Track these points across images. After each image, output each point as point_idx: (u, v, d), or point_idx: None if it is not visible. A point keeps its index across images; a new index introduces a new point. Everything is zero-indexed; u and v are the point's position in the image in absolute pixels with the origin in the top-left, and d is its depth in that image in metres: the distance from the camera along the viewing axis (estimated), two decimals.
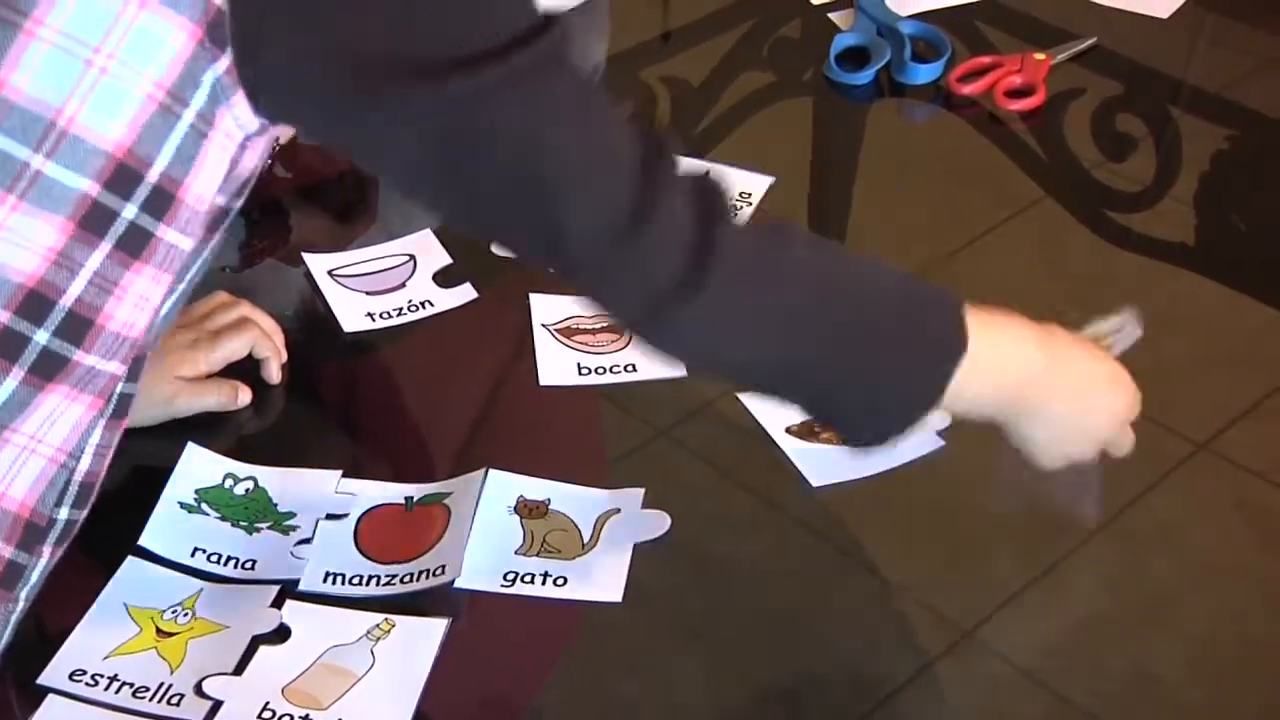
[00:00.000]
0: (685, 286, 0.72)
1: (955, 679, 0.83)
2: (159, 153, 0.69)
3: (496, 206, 0.73)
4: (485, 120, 0.69)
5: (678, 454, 0.97)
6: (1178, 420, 0.99)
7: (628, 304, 0.75)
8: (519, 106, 0.69)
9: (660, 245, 0.72)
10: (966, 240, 1.16)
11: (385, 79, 0.68)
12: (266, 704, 0.79)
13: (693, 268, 0.72)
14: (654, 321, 0.74)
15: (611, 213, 0.71)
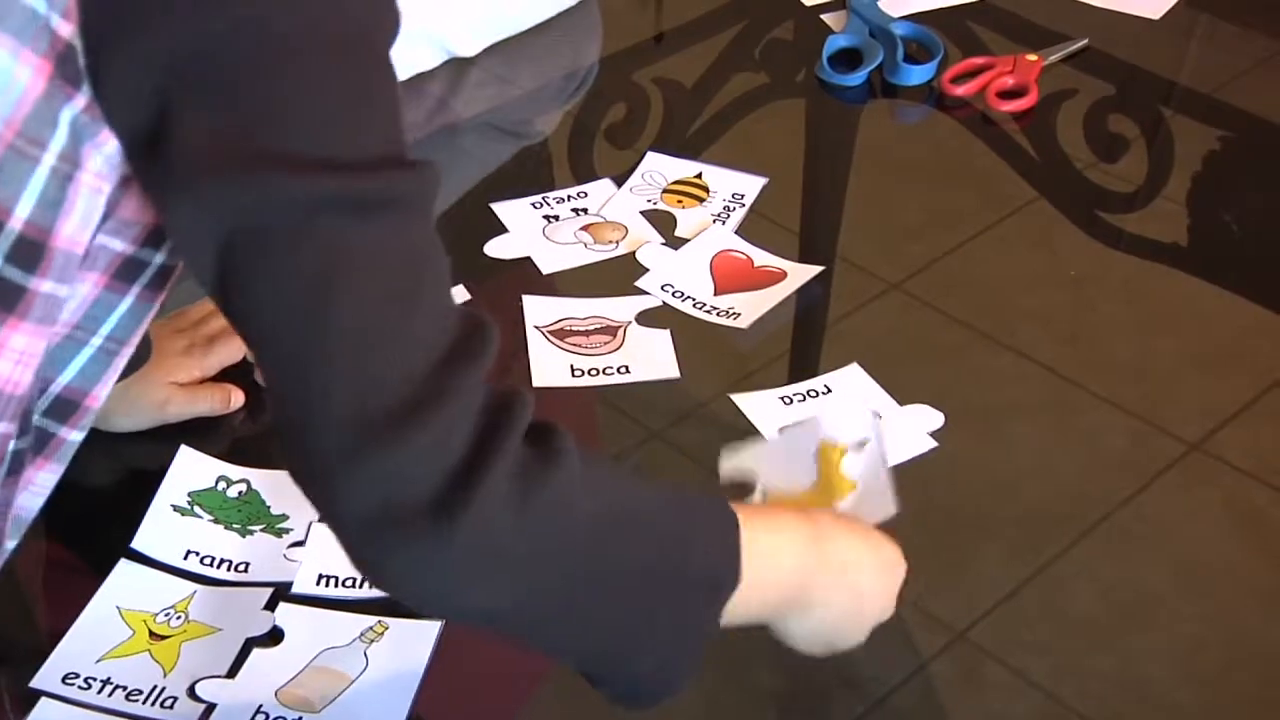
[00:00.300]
0: (433, 515, 0.60)
1: (948, 680, 0.83)
2: (19, 199, 0.64)
3: (269, 322, 0.63)
4: (309, 229, 0.61)
5: (671, 455, 0.97)
6: (1169, 420, 0.99)
7: (356, 512, 0.61)
8: (353, 228, 0.61)
9: (421, 456, 0.60)
10: (959, 241, 1.16)
11: (243, 156, 0.61)
12: (260, 707, 0.79)
13: (448, 497, 0.60)
14: (381, 544, 0.61)
15: (381, 396, 0.60)
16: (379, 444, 0.60)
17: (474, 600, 0.64)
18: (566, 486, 0.64)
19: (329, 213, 0.61)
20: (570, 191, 1.19)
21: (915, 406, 0.98)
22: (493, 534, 0.62)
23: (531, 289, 1.08)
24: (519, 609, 0.66)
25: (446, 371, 0.62)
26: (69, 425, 0.74)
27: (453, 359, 0.62)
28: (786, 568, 0.74)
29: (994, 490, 0.95)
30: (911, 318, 1.09)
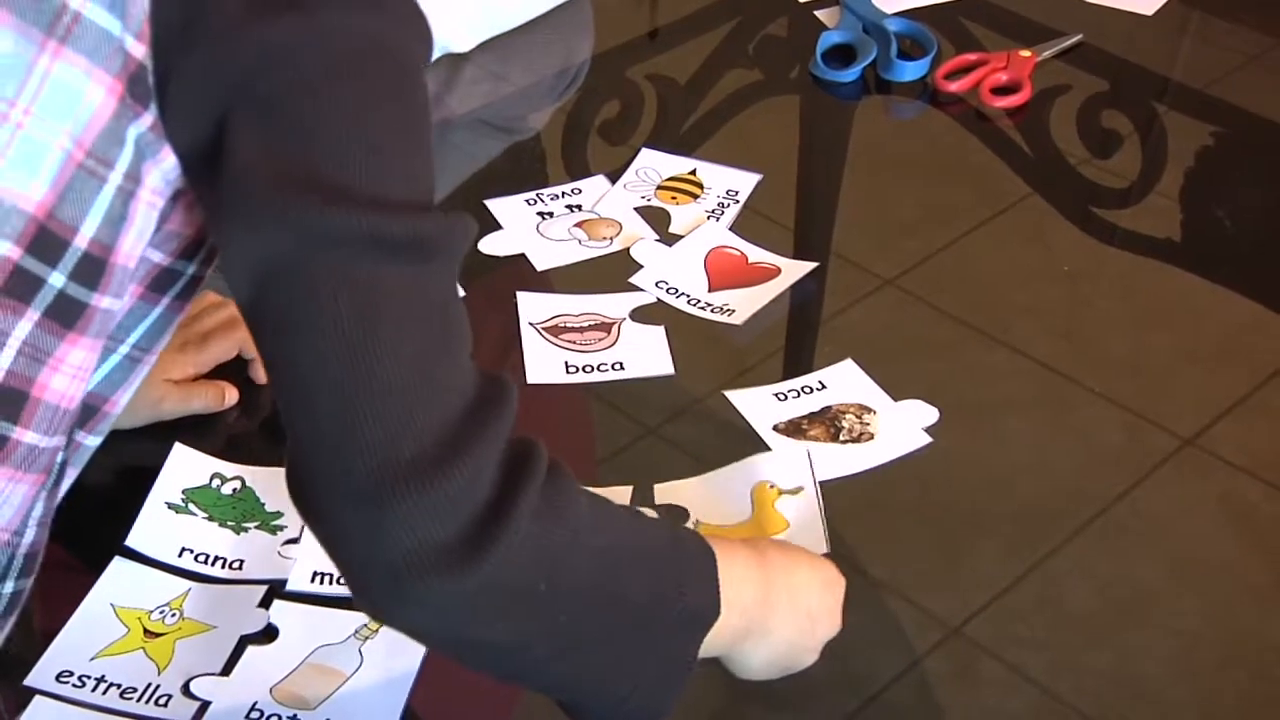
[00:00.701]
0: (461, 557, 0.62)
1: (943, 676, 0.83)
2: (85, 217, 0.65)
3: (303, 360, 0.63)
4: (352, 267, 0.62)
5: (666, 452, 0.97)
6: (1163, 416, 0.99)
7: (382, 557, 0.62)
8: (396, 271, 0.63)
9: (451, 502, 0.62)
10: (953, 237, 1.16)
11: (296, 182, 0.62)
12: (254, 704, 0.79)
13: (478, 537, 0.62)
14: (402, 587, 0.62)
15: (413, 444, 0.61)
16: (408, 487, 0.61)
17: (483, 637, 0.66)
18: (577, 526, 0.66)
19: (375, 253, 0.62)
20: (564, 188, 1.19)
21: (910, 402, 0.98)
22: (514, 572, 0.64)
23: (526, 285, 1.08)
24: (524, 645, 0.68)
25: (475, 420, 0.63)
26: (87, 430, 0.74)
27: (480, 408, 0.64)
28: (746, 598, 0.75)
29: (989, 486, 0.95)
30: (906, 313, 1.09)
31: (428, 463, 0.61)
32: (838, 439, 0.96)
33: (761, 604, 0.76)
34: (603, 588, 0.68)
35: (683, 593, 0.71)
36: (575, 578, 0.67)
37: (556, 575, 0.66)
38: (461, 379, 0.64)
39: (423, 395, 0.63)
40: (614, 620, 0.69)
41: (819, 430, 0.96)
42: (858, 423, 0.97)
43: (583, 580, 0.67)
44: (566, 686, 0.72)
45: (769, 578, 0.77)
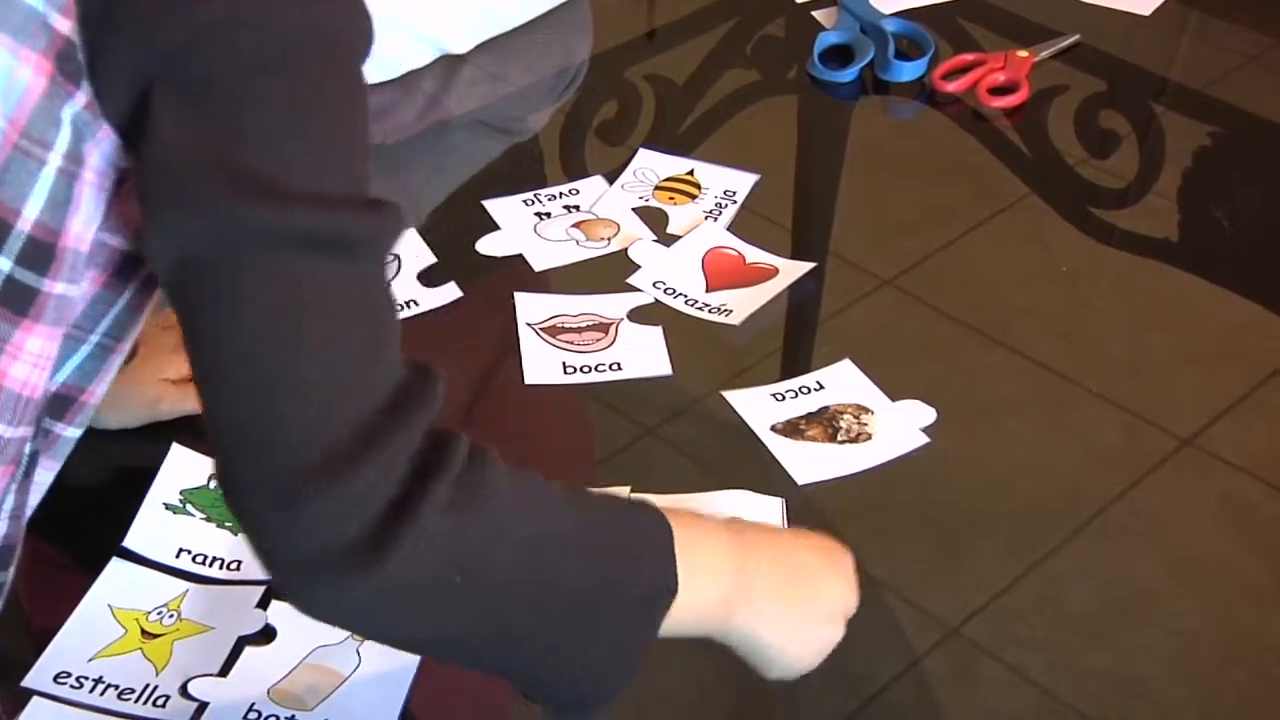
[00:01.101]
0: (365, 554, 0.61)
1: (943, 676, 0.83)
2: (26, 199, 0.64)
3: (224, 352, 0.62)
4: (277, 263, 0.61)
5: (664, 452, 0.97)
6: (1162, 416, 0.99)
7: (291, 553, 0.62)
8: (321, 267, 0.61)
9: (358, 498, 0.61)
10: (951, 237, 1.16)
11: (219, 172, 0.61)
12: (252, 705, 0.79)
13: (380, 535, 0.61)
14: (313, 582, 0.62)
15: (328, 440, 0.61)
16: (319, 486, 0.60)
17: (402, 632, 0.67)
18: (498, 518, 0.65)
19: (300, 249, 0.61)
20: (562, 188, 1.18)
21: (908, 402, 0.98)
22: (423, 570, 0.63)
23: (524, 286, 1.08)
24: (451, 639, 0.67)
25: (392, 416, 0.62)
26: (65, 422, 0.73)
27: (400, 403, 0.63)
28: (719, 565, 0.73)
29: (988, 486, 0.95)
30: (904, 314, 1.09)
31: (339, 460, 0.61)
32: (835, 439, 0.96)
33: (739, 571, 0.73)
34: (533, 578, 0.67)
35: (633, 574, 0.69)
36: (500, 571, 0.65)
37: (476, 570, 0.64)
38: (385, 375, 0.63)
39: (343, 392, 0.62)
40: (550, 609, 0.68)
41: (817, 430, 0.96)
42: (855, 423, 0.97)
43: (508, 573, 0.66)
44: (510, 674, 0.71)
45: (745, 542, 0.74)
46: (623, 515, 0.72)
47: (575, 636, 0.69)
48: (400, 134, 1.25)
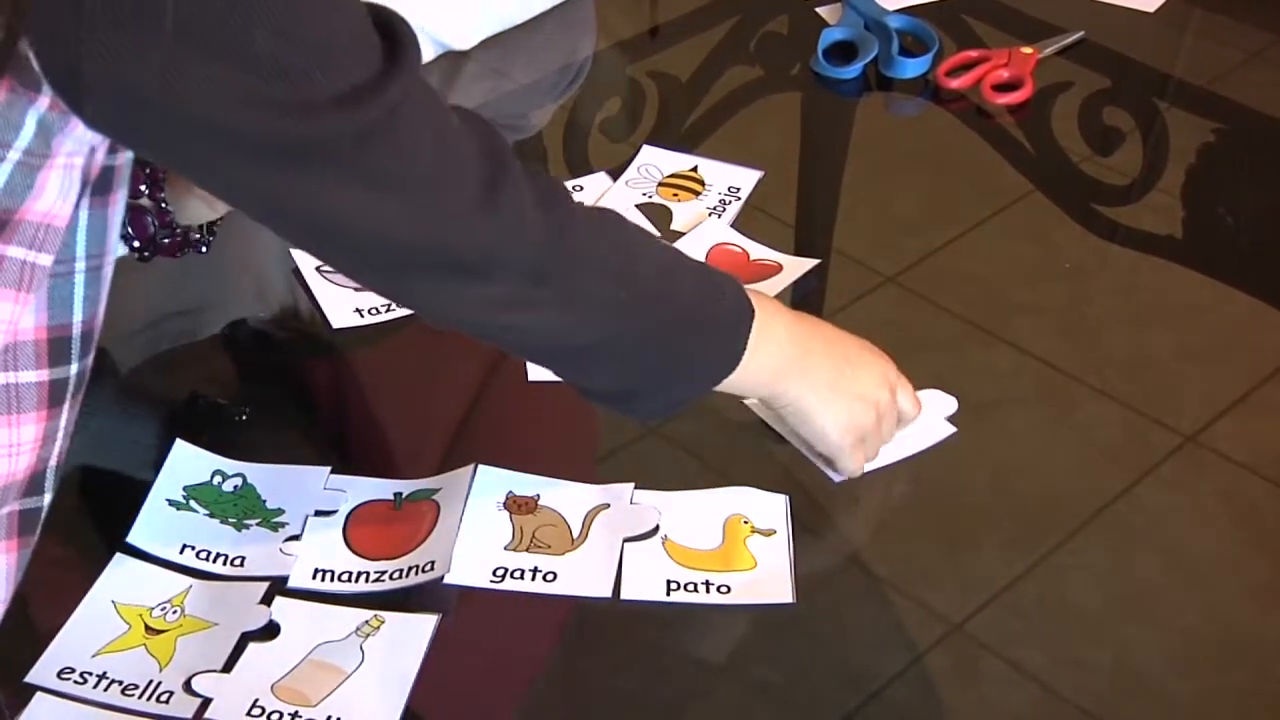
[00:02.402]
0: (533, 282, 0.75)
1: (944, 673, 0.83)
2: None
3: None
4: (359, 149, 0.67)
5: (666, 450, 0.97)
6: (1165, 413, 0.99)
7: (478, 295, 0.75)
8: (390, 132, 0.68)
9: (512, 241, 0.74)
10: (954, 234, 1.16)
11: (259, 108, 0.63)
12: (255, 701, 0.79)
13: (542, 263, 0.75)
14: (502, 313, 0.77)
15: (468, 189, 0.72)
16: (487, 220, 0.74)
17: (556, 337, 0.80)
18: (613, 235, 0.82)
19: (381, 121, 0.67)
20: (566, 184, 1.18)
21: (928, 392, 0.98)
22: (573, 285, 0.78)
23: None
24: (589, 342, 0.81)
25: (496, 169, 0.75)
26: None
27: (493, 165, 0.75)
28: (779, 329, 0.87)
29: (990, 483, 0.95)
30: (907, 311, 1.09)
31: (484, 198, 0.73)
32: None
33: (798, 343, 0.88)
34: (642, 288, 0.81)
35: (719, 294, 0.84)
36: (617, 287, 0.79)
37: (604, 285, 0.79)
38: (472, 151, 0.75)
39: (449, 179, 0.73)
40: (658, 314, 0.82)
41: None
42: None
43: (645, 271, 0.81)
44: (616, 375, 0.84)
45: (805, 324, 0.90)
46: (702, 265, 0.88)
47: (679, 335, 0.83)
48: None
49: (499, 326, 0.79)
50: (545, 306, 0.78)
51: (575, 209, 0.80)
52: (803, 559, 0.88)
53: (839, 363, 0.90)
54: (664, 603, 0.85)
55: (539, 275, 0.76)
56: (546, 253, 0.76)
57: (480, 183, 0.73)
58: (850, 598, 0.88)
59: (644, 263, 0.83)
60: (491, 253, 0.74)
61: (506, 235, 0.74)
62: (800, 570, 0.87)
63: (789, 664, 0.84)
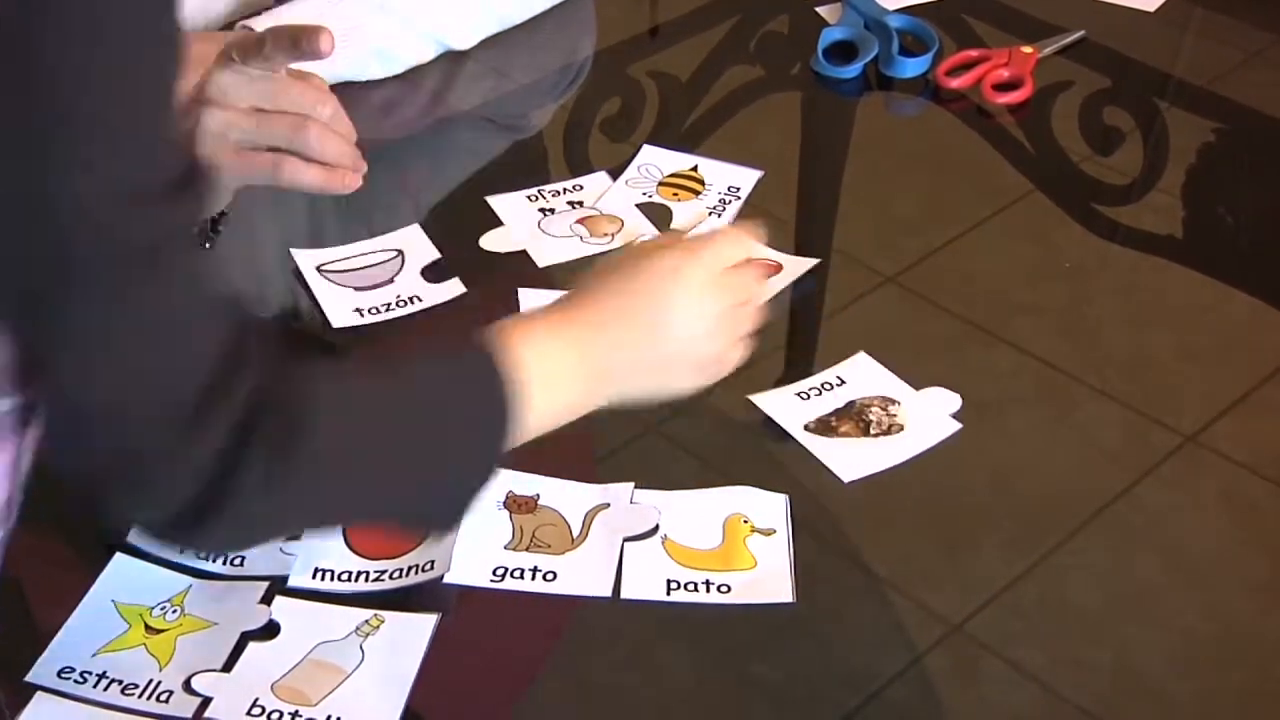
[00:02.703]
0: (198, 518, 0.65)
1: (944, 673, 0.83)
2: None
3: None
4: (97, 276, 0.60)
5: (665, 450, 0.97)
6: (1165, 413, 0.99)
7: (179, 495, 0.65)
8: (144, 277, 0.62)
9: (185, 474, 0.64)
10: (954, 234, 1.16)
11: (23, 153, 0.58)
12: (255, 700, 0.79)
13: (205, 503, 0.65)
14: (204, 518, 0.65)
15: (162, 410, 0.63)
16: (188, 434, 0.63)
17: (313, 521, 0.76)
18: (327, 450, 0.68)
19: (128, 262, 0.60)
20: (566, 184, 1.18)
21: (932, 390, 0.98)
22: (257, 516, 0.68)
23: (527, 282, 1.08)
24: (313, 525, 0.79)
25: (219, 389, 0.64)
26: None
27: (224, 374, 0.64)
28: (575, 369, 0.80)
29: (990, 483, 0.95)
30: (907, 311, 1.09)
31: (170, 434, 0.63)
32: (869, 433, 0.96)
33: (591, 360, 0.80)
34: (375, 465, 0.71)
35: (469, 421, 0.75)
36: (338, 481, 0.70)
37: (311, 491, 0.69)
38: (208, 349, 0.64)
39: (170, 378, 0.64)
40: (398, 478, 0.73)
41: (849, 426, 0.96)
42: (884, 415, 0.97)
43: (352, 480, 0.71)
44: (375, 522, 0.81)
45: (593, 329, 0.81)
46: (451, 370, 0.76)
47: (429, 486, 0.76)
48: (403, 130, 1.25)
49: None
50: None
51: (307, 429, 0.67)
52: (802, 559, 0.88)
53: (645, 336, 0.81)
54: (664, 602, 0.85)
55: None
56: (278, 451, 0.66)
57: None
58: (850, 597, 0.88)
59: (395, 427, 0.73)
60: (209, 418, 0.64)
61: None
62: (800, 570, 0.87)
63: (788, 664, 0.84)
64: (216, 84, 0.90)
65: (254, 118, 0.91)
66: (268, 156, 0.92)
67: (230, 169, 0.91)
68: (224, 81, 0.90)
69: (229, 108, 0.90)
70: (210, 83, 0.90)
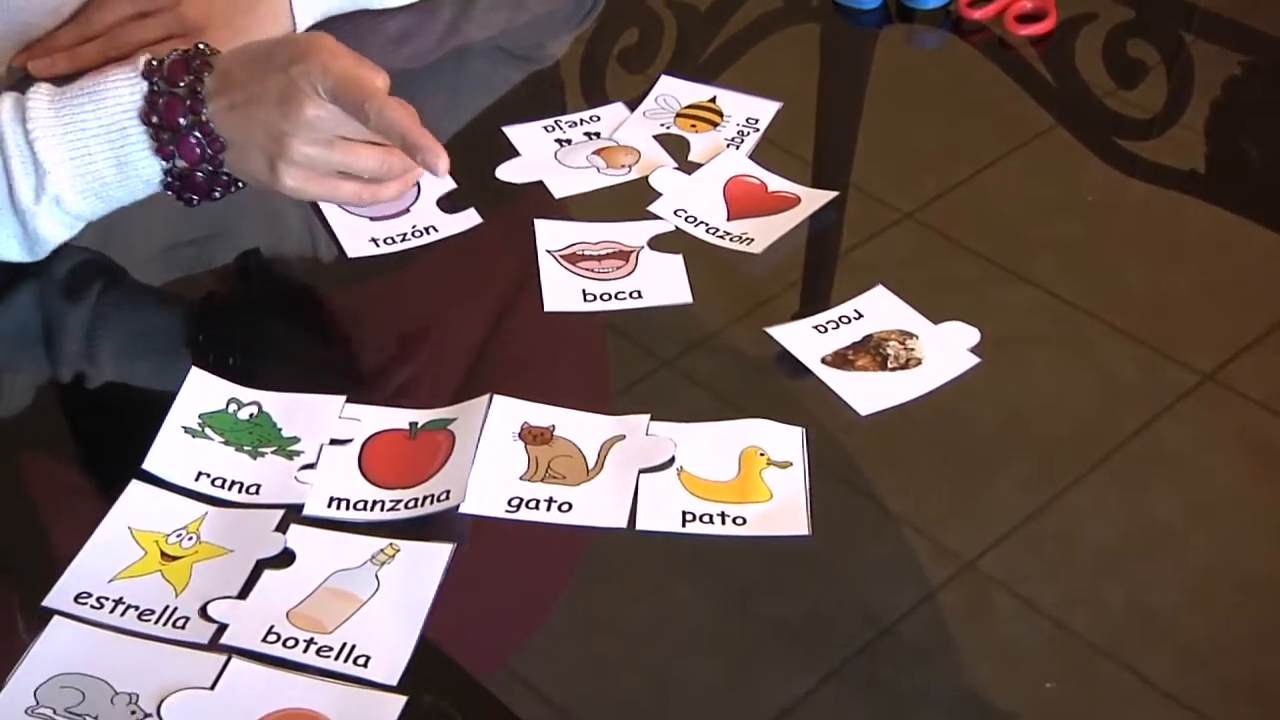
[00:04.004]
0: None
1: (957, 609, 0.84)
2: None
3: None
4: None
5: (681, 385, 0.97)
6: (1183, 351, 0.99)
7: None
8: None
9: None
10: (974, 169, 1.15)
11: None
12: (271, 628, 0.79)
13: None
14: None
15: None
16: None
17: None
18: None
19: None
20: (582, 115, 1.18)
21: (950, 324, 0.97)
22: None
23: (543, 213, 1.07)
24: None
25: None
26: None
27: None
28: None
29: (1007, 421, 0.95)
30: (924, 248, 1.08)
31: None
32: (886, 367, 0.95)
33: None
34: None
35: None
36: None
37: None
38: None
39: None
40: None
41: (866, 360, 0.96)
42: (902, 349, 0.96)
43: None
44: None
45: None
46: None
47: None
48: (419, 60, 1.24)
49: None
50: None
51: None
52: (816, 493, 0.88)
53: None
54: (679, 534, 0.85)
55: None
56: None
57: None
58: (863, 532, 0.88)
59: None
60: None
61: None
62: (814, 504, 0.87)
63: (800, 598, 0.84)
64: (307, 116, 0.93)
65: (339, 148, 0.95)
66: (352, 185, 0.98)
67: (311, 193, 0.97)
68: (316, 115, 0.93)
69: (316, 142, 0.94)
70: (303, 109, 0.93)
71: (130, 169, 0.95)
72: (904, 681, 0.81)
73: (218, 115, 0.93)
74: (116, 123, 0.93)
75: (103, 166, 0.94)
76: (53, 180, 0.93)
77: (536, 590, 0.86)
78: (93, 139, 0.93)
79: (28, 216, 0.95)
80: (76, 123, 0.93)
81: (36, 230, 0.96)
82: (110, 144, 0.94)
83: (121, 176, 0.95)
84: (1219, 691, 0.80)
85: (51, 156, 0.93)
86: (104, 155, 0.94)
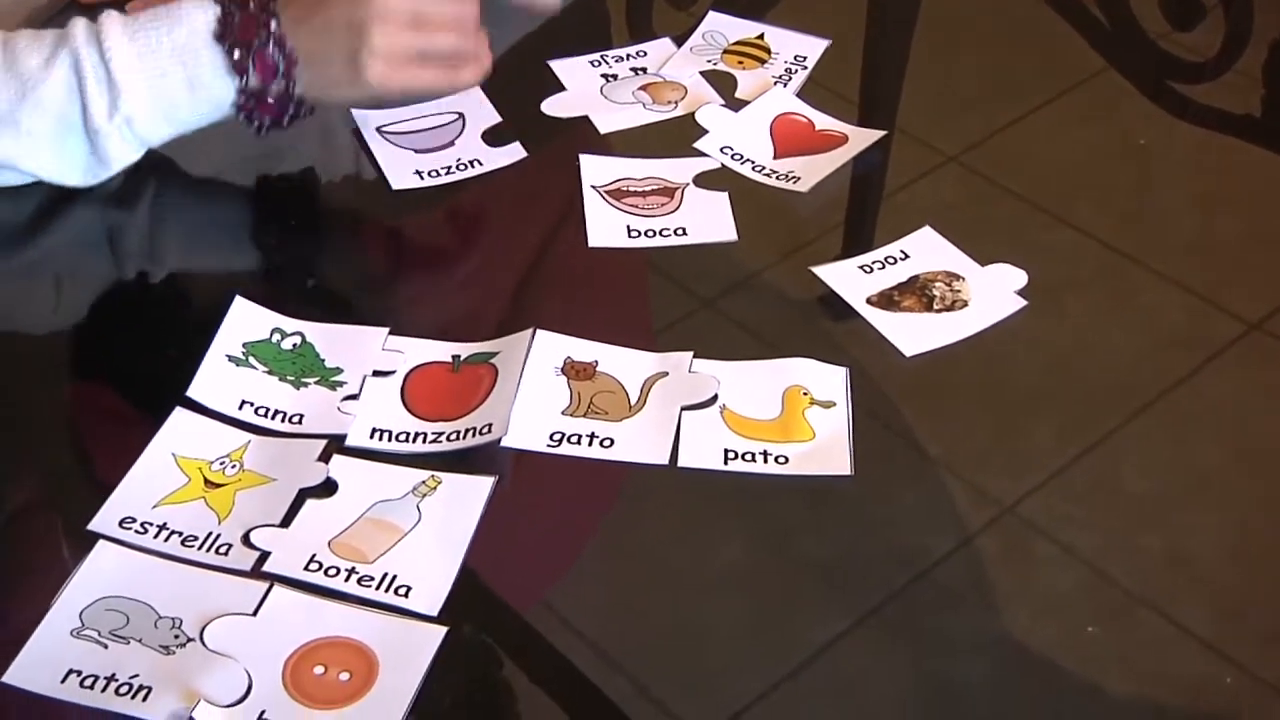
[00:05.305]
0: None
1: (994, 554, 0.84)
2: None
3: None
4: None
5: (724, 324, 0.97)
6: (1230, 299, 0.98)
7: None
8: None
9: None
10: (1021, 112, 1.14)
11: None
12: (313, 556, 0.80)
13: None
14: None
15: None
16: None
17: None
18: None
19: None
20: (629, 50, 1.17)
21: (997, 266, 0.97)
22: None
23: (589, 148, 1.07)
24: None
25: None
26: None
27: None
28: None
29: (1049, 367, 0.95)
30: (968, 191, 1.07)
31: None
32: (932, 308, 0.95)
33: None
34: None
35: None
36: None
37: None
38: None
39: None
40: None
41: (912, 300, 0.95)
42: (948, 290, 0.96)
43: None
44: None
45: None
46: None
47: None
48: None
49: None
50: None
51: None
52: (856, 434, 0.88)
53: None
54: (721, 471, 0.85)
55: None
56: None
57: None
58: (903, 475, 0.88)
59: None
60: None
61: None
62: (851, 446, 0.87)
63: (838, 540, 0.84)
64: None
65: (418, 29, 0.98)
66: (431, 72, 1.00)
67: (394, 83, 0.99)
68: None
69: (395, 22, 0.96)
70: None
71: (201, 90, 0.96)
72: (940, 625, 0.81)
73: (291, 26, 0.95)
74: (190, 45, 0.95)
75: (175, 87, 0.95)
76: (126, 100, 0.95)
77: (576, 525, 0.87)
78: (167, 59, 0.95)
79: (99, 137, 0.96)
80: (150, 45, 0.95)
81: (106, 151, 0.97)
82: (183, 65, 0.95)
83: (193, 97, 0.96)
84: (1256, 641, 0.80)
85: (127, 76, 0.94)
86: (177, 76, 0.95)
